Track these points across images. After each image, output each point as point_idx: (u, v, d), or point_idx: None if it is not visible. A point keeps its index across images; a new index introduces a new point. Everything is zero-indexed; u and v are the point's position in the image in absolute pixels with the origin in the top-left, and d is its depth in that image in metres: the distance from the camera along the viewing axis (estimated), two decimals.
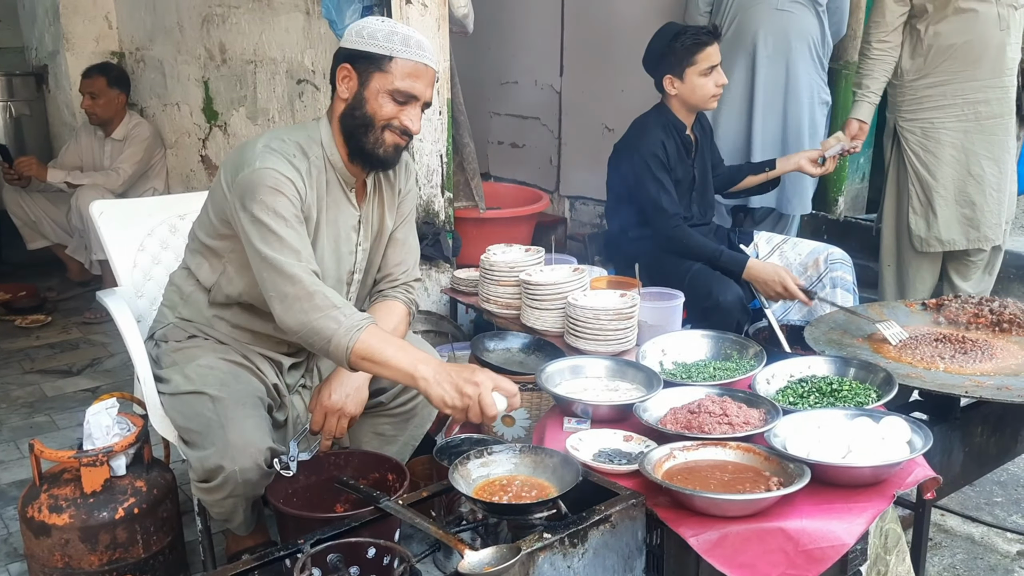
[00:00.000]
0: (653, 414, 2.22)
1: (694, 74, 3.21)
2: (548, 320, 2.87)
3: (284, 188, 2.12)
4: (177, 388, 2.29)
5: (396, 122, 2.19)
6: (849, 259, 3.36)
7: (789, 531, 1.80)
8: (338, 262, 2.35)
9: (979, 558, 2.78)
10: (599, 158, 5.36)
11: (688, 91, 3.25)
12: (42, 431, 3.53)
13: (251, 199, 2.11)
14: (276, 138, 2.22)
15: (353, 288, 2.44)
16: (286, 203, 2.12)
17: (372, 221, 2.42)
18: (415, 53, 2.16)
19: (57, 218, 5.09)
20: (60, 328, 4.78)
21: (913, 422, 2.07)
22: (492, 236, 3.60)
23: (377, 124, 2.19)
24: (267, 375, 2.37)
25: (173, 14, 4.86)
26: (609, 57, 5.24)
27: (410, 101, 2.19)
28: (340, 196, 2.31)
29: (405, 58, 2.15)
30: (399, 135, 2.21)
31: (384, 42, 2.15)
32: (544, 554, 1.66)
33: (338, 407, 2.31)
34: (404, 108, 2.18)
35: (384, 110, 2.18)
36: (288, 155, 2.17)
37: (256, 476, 2.15)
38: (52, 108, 6.02)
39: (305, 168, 2.20)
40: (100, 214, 2.65)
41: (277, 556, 1.75)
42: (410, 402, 2.50)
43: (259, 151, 2.16)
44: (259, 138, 2.24)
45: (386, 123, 2.19)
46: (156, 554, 2.31)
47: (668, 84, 3.27)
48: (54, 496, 2.22)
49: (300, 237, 2.13)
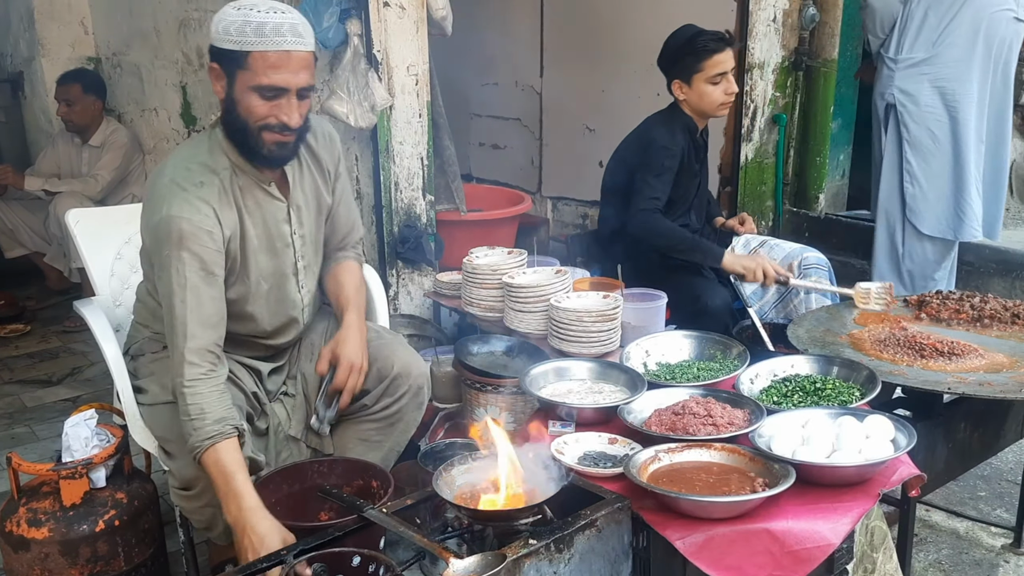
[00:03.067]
0: (638, 416, 2.22)
1: (701, 81, 3.17)
2: (531, 322, 2.86)
3: (196, 239, 2.06)
4: (155, 398, 2.27)
5: (272, 120, 2.07)
6: (825, 261, 3.30)
7: (775, 532, 1.80)
8: (275, 260, 2.29)
9: (964, 553, 2.79)
10: (581, 159, 5.38)
11: (696, 98, 3.21)
12: (22, 442, 3.49)
13: (162, 252, 2.07)
14: (182, 166, 2.14)
15: (302, 276, 2.38)
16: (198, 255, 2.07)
17: (306, 205, 2.34)
18: (272, 42, 2.01)
19: (35, 226, 5.04)
20: (39, 337, 4.73)
21: (897, 420, 2.07)
22: (474, 239, 3.58)
23: (252, 126, 2.08)
24: (245, 384, 2.35)
25: (149, 19, 4.82)
26: (590, 57, 5.24)
27: (281, 95, 2.05)
28: (260, 195, 2.23)
29: (262, 50, 2.01)
30: (279, 133, 2.09)
31: (237, 36, 2.01)
32: (530, 560, 1.65)
33: (358, 363, 2.31)
34: (276, 103, 2.06)
35: (256, 110, 2.06)
36: (195, 188, 2.09)
37: None
38: (29, 115, 5.96)
39: (216, 191, 2.13)
40: (76, 222, 2.63)
41: (260, 567, 1.73)
42: (394, 405, 2.49)
43: (166, 189, 2.09)
44: (166, 166, 2.18)
45: (262, 124, 2.08)
46: (138, 566, 2.28)
47: (676, 89, 3.24)
48: (33, 510, 2.19)
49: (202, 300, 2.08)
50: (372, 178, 3.45)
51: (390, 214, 3.46)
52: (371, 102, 3.23)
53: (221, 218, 2.13)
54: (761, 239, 3.48)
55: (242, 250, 2.21)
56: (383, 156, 3.39)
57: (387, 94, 3.29)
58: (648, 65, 4.94)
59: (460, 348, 2.75)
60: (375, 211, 3.48)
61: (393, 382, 2.46)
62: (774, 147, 4.88)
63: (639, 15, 4.91)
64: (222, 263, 2.15)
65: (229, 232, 2.16)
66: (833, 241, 4.77)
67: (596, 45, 5.18)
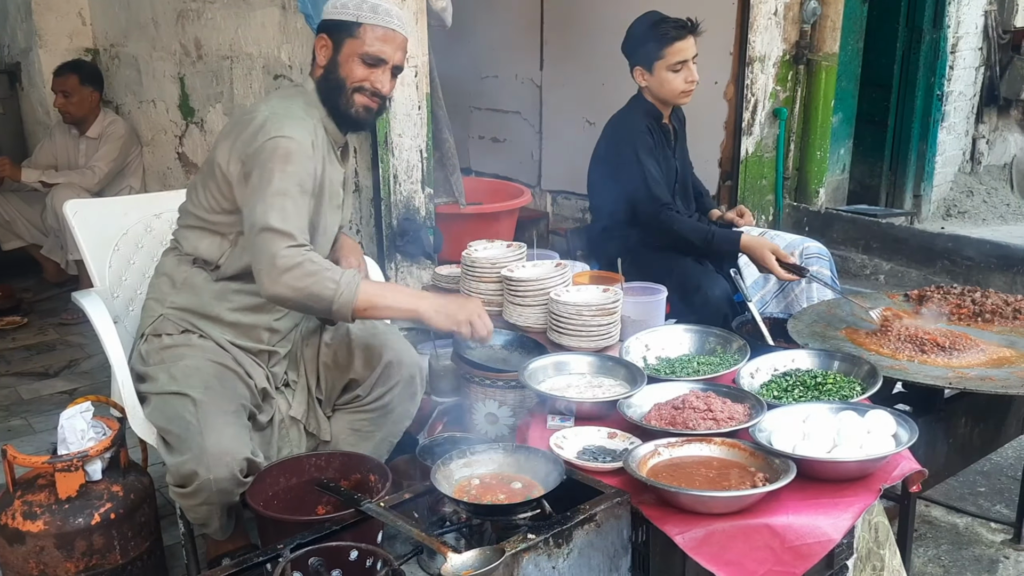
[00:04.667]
0: (637, 410, 2.20)
1: (662, 68, 3.16)
2: (531, 316, 2.85)
3: (301, 158, 2.22)
4: (162, 387, 2.28)
5: (367, 84, 2.33)
6: (827, 252, 3.32)
7: (775, 527, 1.79)
8: (333, 218, 2.48)
9: (964, 548, 2.78)
10: (581, 152, 5.33)
11: (656, 84, 3.20)
12: (18, 435, 3.48)
13: (267, 167, 2.19)
14: (281, 107, 2.32)
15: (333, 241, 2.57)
16: (301, 173, 2.22)
17: (351, 180, 2.62)
18: (383, 19, 2.31)
19: (32, 218, 5.01)
20: (36, 330, 4.71)
21: (898, 415, 2.06)
22: (473, 232, 3.57)
23: (348, 86, 2.33)
24: (255, 377, 2.37)
25: (147, 10, 4.79)
26: (590, 50, 5.21)
27: (379, 64, 2.33)
28: (332, 156, 2.43)
29: (374, 24, 2.30)
30: (369, 97, 2.35)
31: (354, 10, 2.31)
32: (528, 555, 1.64)
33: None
34: (374, 71, 2.32)
35: (355, 73, 2.32)
36: (300, 120, 2.29)
37: (231, 485, 2.14)
38: (26, 106, 5.92)
39: (311, 130, 2.31)
40: (74, 214, 2.62)
41: (257, 561, 1.72)
42: (386, 395, 2.52)
43: (271, 118, 2.25)
44: (260, 106, 2.36)
45: (357, 85, 2.33)
46: (134, 560, 2.27)
47: (638, 76, 3.24)
48: (28, 502, 2.17)
49: (303, 211, 2.23)
50: (371, 171, 3.44)
51: (389, 207, 3.44)
52: None
53: (315, 151, 2.31)
54: (760, 230, 3.48)
55: (318, 196, 2.36)
56: (382, 148, 3.37)
57: None
58: None
59: (459, 342, 2.74)
60: (374, 204, 3.47)
61: (385, 370, 2.51)
62: (774, 141, 4.87)
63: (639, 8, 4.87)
64: (313, 188, 2.30)
65: (318, 174, 2.33)
66: (833, 235, 4.77)
67: (596, 38, 5.15)
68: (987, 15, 7.05)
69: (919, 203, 6.90)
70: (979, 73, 7.26)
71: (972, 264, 4.49)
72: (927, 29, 6.54)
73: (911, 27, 6.55)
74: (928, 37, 6.56)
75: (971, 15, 6.88)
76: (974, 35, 7.03)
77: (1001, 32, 7.17)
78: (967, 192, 7.30)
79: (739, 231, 3.20)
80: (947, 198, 7.21)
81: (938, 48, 6.60)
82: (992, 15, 7.07)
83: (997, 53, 7.22)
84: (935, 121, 6.77)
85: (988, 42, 7.16)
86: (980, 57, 7.19)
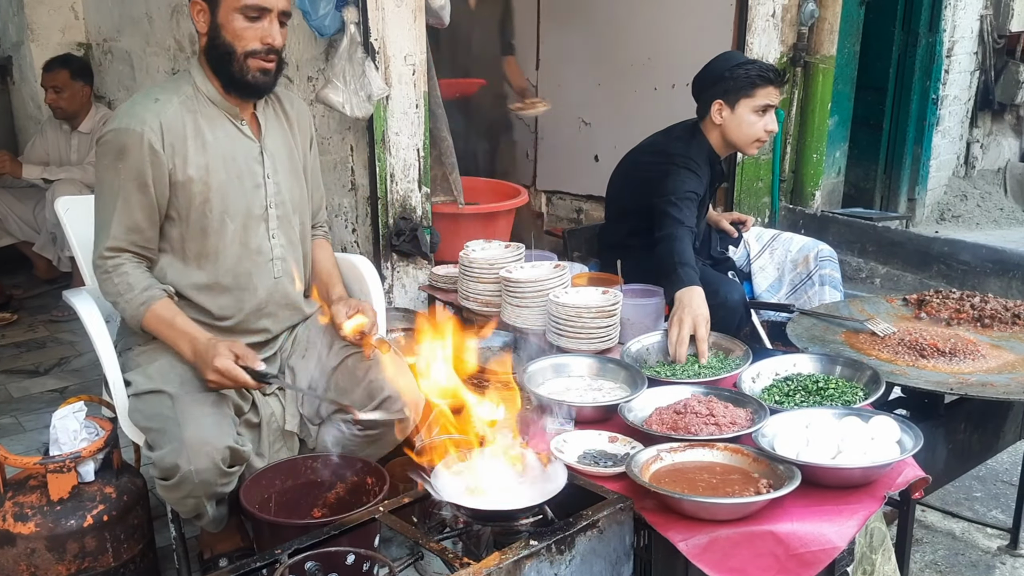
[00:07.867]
0: (638, 414, 2.18)
1: (747, 107, 2.99)
2: (529, 318, 2.82)
3: (130, 149, 2.16)
4: (138, 388, 2.25)
5: (257, 44, 2.20)
6: (835, 255, 3.35)
7: (779, 534, 1.77)
8: (244, 199, 2.33)
9: (960, 554, 2.78)
10: (576, 153, 5.34)
11: (735, 124, 3.02)
12: (8, 433, 3.44)
13: (99, 166, 2.22)
14: (142, 93, 2.30)
15: (274, 224, 2.39)
16: (135, 167, 2.16)
17: (279, 154, 2.40)
18: None
19: (23, 215, 4.95)
20: (27, 327, 4.66)
21: (903, 421, 2.04)
22: (471, 231, 3.54)
23: (239, 52, 2.21)
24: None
25: (141, 4, 4.74)
26: (586, 51, 5.19)
27: (264, 14, 2.20)
28: (231, 129, 2.31)
29: None
30: (263, 58, 2.22)
31: None
32: (530, 562, 1.61)
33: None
34: (260, 24, 2.20)
35: (243, 34, 2.19)
36: (149, 103, 2.21)
37: (213, 476, 2.10)
38: (17, 101, 5.87)
39: (172, 111, 2.22)
40: (66, 211, 2.59)
41: (254, 567, 1.69)
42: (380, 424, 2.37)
43: (121, 111, 2.24)
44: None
45: (248, 49, 2.21)
46: (127, 562, 2.24)
47: (716, 110, 3.03)
48: (19, 504, 2.14)
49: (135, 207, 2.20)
50: (368, 169, 3.41)
51: (385, 206, 3.41)
52: (367, 91, 3.18)
53: (172, 138, 2.21)
54: (773, 233, 3.47)
55: (204, 180, 2.25)
56: (379, 147, 3.34)
57: (384, 84, 3.25)
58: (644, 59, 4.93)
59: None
60: (370, 203, 3.44)
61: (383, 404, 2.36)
62: (771, 143, 4.86)
63: (636, 9, 4.87)
64: (163, 179, 2.21)
65: (184, 156, 2.22)
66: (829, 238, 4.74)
67: (592, 39, 5.13)
68: (983, 19, 7.08)
69: (913, 207, 6.92)
70: (974, 77, 7.29)
71: (968, 268, 4.48)
72: (923, 33, 6.55)
73: (907, 31, 6.57)
74: (924, 41, 6.58)
75: (967, 19, 6.90)
76: (969, 39, 7.05)
77: (996, 37, 7.20)
78: (961, 196, 7.33)
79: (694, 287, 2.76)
80: (941, 202, 7.24)
81: (934, 52, 6.62)
82: (988, 20, 7.10)
83: (992, 57, 7.26)
84: (930, 125, 6.79)
85: (983, 46, 7.19)
86: (975, 61, 7.21)
